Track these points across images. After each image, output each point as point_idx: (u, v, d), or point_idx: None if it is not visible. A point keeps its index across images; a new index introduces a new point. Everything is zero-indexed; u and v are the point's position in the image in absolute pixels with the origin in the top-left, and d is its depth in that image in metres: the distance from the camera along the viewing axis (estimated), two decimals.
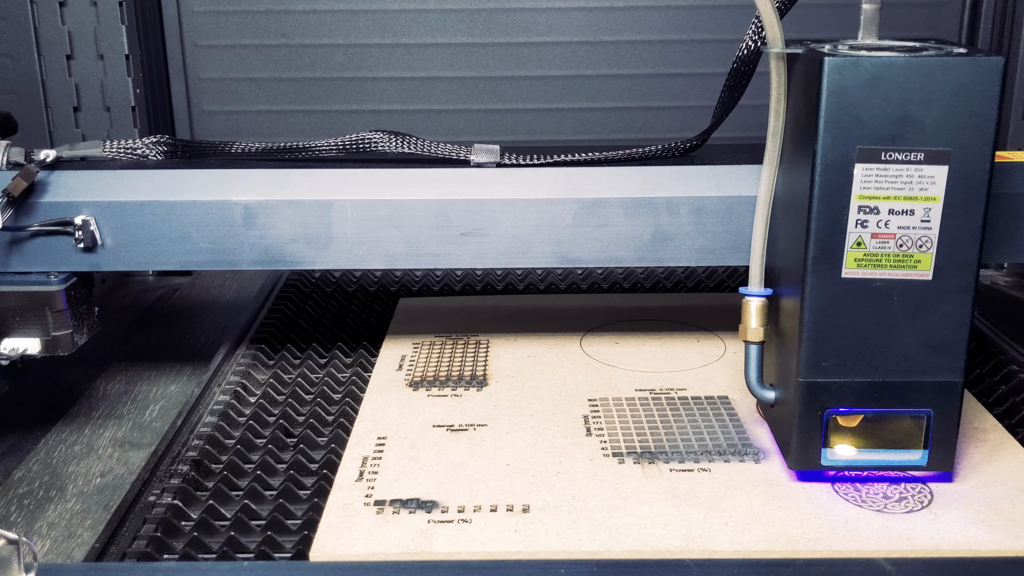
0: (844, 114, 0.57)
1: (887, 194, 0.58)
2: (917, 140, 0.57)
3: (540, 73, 1.28)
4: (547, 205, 0.74)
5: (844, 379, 0.61)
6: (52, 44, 1.17)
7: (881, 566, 0.54)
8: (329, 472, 0.68)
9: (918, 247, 0.59)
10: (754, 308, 0.66)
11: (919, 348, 0.60)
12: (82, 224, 0.73)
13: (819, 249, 0.59)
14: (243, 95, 1.28)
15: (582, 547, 0.58)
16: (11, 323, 0.74)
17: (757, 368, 0.67)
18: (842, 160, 0.58)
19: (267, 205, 0.74)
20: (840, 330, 0.61)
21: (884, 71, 0.56)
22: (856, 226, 0.59)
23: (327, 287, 1.06)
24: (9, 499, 0.73)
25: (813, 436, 0.63)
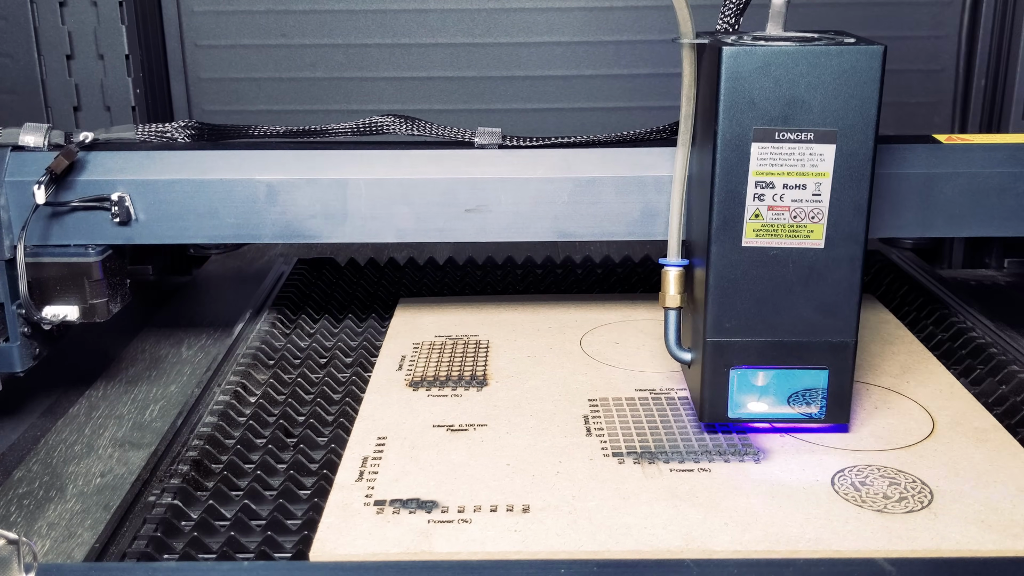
0: (740, 97, 0.63)
1: (781, 170, 0.64)
2: (806, 121, 0.63)
3: (540, 73, 1.28)
4: (545, 184, 0.81)
5: (746, 339, 0.68)
6: (52, 44, 1.17)
7: (881, 566, 0.54)
8: (329, 472, 0.68)
9: (810, 218, 0.65)
10: (672, 277, 0.73)
11: (813, 311, 0.66)
12: (118, 200, 0.80)
13: (721, 220, 0.65)
14: (243, 95, 1.28)
15: (582, 547, 0.58)
16: (52, 292, 0.81)
17: (676, 332, 0.73)
18: (740, 139, 0.64)
19: (288, 183, 0.81)
20: (741, 294, 0.67)
21: (774, 58, 0.62)
22: (754, 199, 0.65)
23: (328, 287, 1.06)
24: (9, 499, 0.73)
25: (720, 391, 0.69)
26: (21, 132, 0.82)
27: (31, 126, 0.82)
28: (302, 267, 1.11)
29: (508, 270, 1.11)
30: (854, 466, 0.67)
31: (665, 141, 0.84)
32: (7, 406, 0.87)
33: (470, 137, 0.84)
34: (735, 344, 0.68)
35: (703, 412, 0.70)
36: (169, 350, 0.99)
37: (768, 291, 0.66)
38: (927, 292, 0.99)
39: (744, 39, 0.65)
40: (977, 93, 1.23)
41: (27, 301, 0.77)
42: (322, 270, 1.11)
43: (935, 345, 0.88)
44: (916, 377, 0.80)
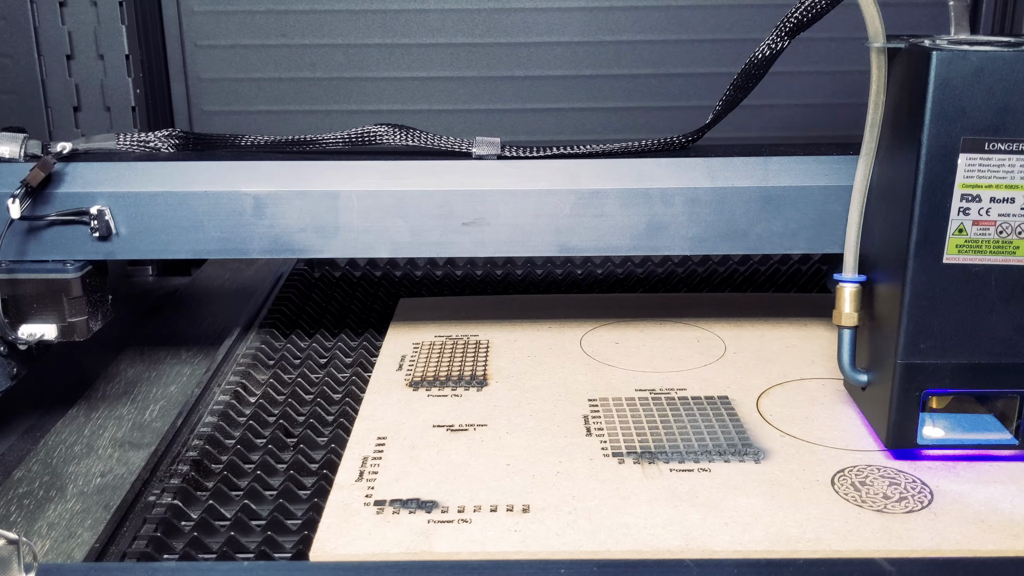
0: (949, 106, 0.60)
1: (989, 183, 0.61)
2: (1019, 130, 0.60)
3: (540, 73, 1.28)
4: (546, 196, 0.78)
5: (941, 360, 0.64)
6: (52, 44, 1.17)
7: (881, 566, 0.54)
8: (329, 472, 0.68)
9: (1017, 234, 0.62)
10: (848, 294, 0.69)
11: (1013, 331, 0.64)
12: (97, 214, 0.76)
13: (922, 236, 0.62)
14: (243, 95, 1.28)
15: (582, 547, 0.58)
16: (29, 309, 0.77)
17: (850, 352, 0.70)
18: (946, 150, 0.61)
19: (276, 196, 0.77)
20: (939, 313, 0.64)
21: (989, 64, 0.59)
22: (958, 214, 0.62)
23: (327, 287, 1.06)
24: (9, 499, 0.73)
25: (910, 416, 0.66)
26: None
27: (6, 135, 0.78)
28: (302, 267, 1.11)
29: (508, 271, 1.11)
30: (854, 466, 0.67)
31: (671, 152, 0.80)
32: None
33: (468, 147, 0.80)
34: (928, 366, 0.64)
35: (889, 438, 0.67)
36: (169, 350, 0.99)
37: (968, 311, 0.63)
38: None
39: (940, 42, 0.62)
40: None
41: (1, 320, 0.75)
42: (322, 270, 1.11)
43: None
44: None
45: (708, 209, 0.77)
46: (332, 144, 0.82)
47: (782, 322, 0.92)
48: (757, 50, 0.73)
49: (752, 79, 0.75)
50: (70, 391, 0.91)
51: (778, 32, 0.73)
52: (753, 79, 0.75)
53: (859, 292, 0.69)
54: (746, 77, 0.75)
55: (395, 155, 0.81)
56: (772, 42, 0.73)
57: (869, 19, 0.64)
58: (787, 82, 1.26)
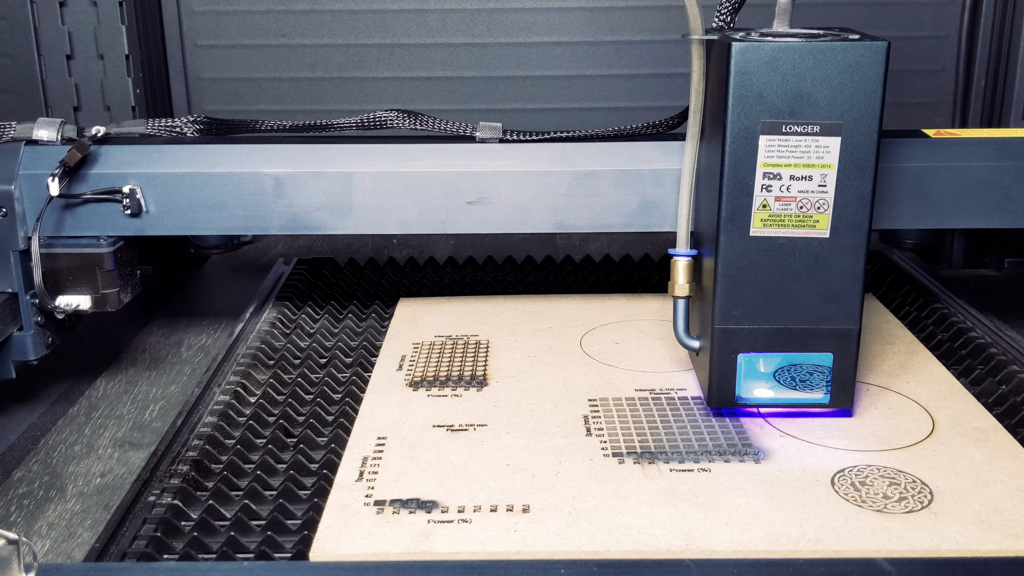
0: (748, 92, 0.65)
1: (788, 162, 0.66)
2: (812, 114, 0.65)
3: (540, 73, 1.28)
4: (544, 177, 0.83)
5: (753, 325, 0.69)
6: (52, 44, 1.17)
7: (881, 566, 0.54)
8: (329, 472, 0.68)
9: (816, 209, 0.67)
10: (681, 266, 0.74)
11: (818, 299, 0.68)
12: (129, 192, 0.82)
13: (730, 211, 0.67)
14: (243, 95, 1.28)
15: (582, 547, 0.58)
16: (65, 281, 0.83)
17: (684, 320, 0.75)
18: (748, 132, 0.66)
19: (295, 176, 0.83)
20: (748, 282, 0.69)
21: (781, 54, 0.64)
22: (761, 190, 0.67)
23: (327, 286, 1.06)
24: (9, 499, 0.73)
25: (728, 377, 0.71)
26: (35, 126, 0.84)
27: (45, 121, 0.84)
28: (302, 267, 1.11)
29: (508, 270, 1.11)
30: (854, 466, 0.67)
31: (662, 135, 0.85)
32: (20, 394, 0.89)
33: (471, 131, 0.86)
34: (742, 331, 0.69)
35: (711, 397, 0.71)
36: (169, 350, 0.99)
37: (775, 279, 0.68)
38: (927, 292, 0.99)
39: (752, 35, 0.67)
40: (977, 93, 1.23)
41: (41, 291, 0.79)
42: (322, 270, 1.10)
43: (935, 345, 0.88)
44: (916, 377, 0.80)
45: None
46: (346, 128, 0.88)
47: None
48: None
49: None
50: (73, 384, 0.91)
51: (718, 14, 0.77)
52: None
53: (690, 265, 0.74)
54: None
55: (404, 139, 0.86)
56: (717, 23, 0.78)
57: (691, 14, 0.70)
58: None
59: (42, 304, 0.80)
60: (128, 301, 0.85)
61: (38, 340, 0.83)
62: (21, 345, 0.82)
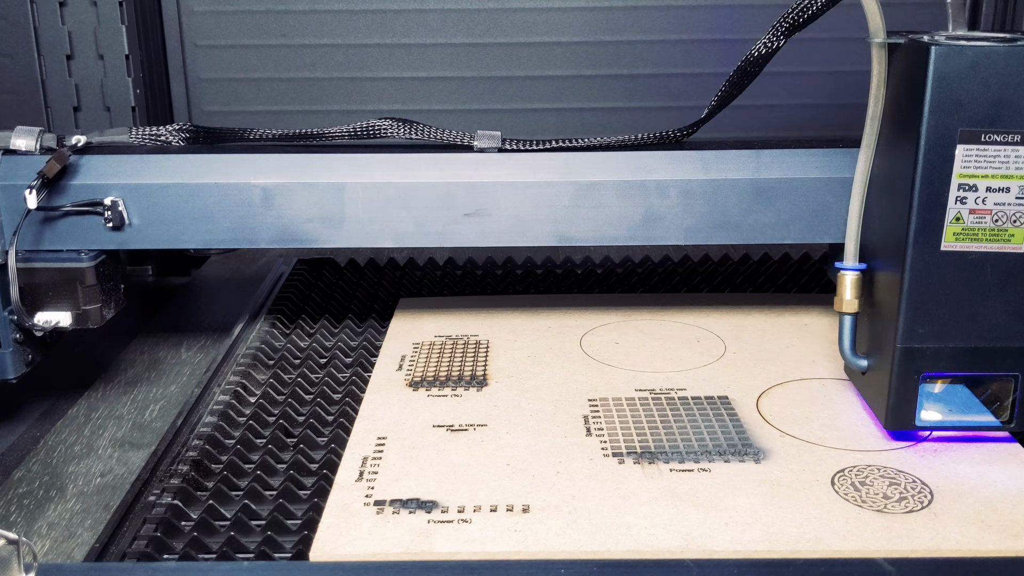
0: (947, 98, 0.62)
1: (985, 173, 0.63)
2: (1014, 123, 0.62)
3: (540, 73, 1.28)
4: (545, 188, 0.80)
5: (939, 344, 0.66)
6: (52, 44, 1.17)
7: (881, 566, 0.54)
8: (329, 472, 0.68)
9: (1012, 222, 0.64)
10: (850, 281, 0.71)
11: (1008, 316, 0.65)
12: (111, 205, 0.78)
13: (921, 224, 0.64)
14: (243, 95, 1.28)
15: (582, 547, 0.58)
16: (44, 297, 0.79)
17: (851, 337, 0.72)
18: (944, 141, 0.63)
19: (284, 187, 0.79)
20: (937, 299, 0.65)
21: (984, 58, 0.61)
22: (956, 203, 0.64)
23: (328, 286, 1.06)
24: (9, 499, 0.73)
25: (909, 398, 0.67)
26: (12, 135, 0.80)
27: (22, 129, 0.80)
28: (302, 267, 1.11)
29: (508, 270, 1.11)
30: (854, 466, 0.67)
31: (667, 145, 0.82)
32: (2, 412, 0.87)
33: (469, 140, 0.83)
34: (927, 350, 0.66)
35: (888, 419, 0.68)
36: (169, 351, 0.99)
37: (964, 296, 0.65)
38: None
39: (938, 38, 0.64)
40: None
41: (19, 307, 0.76)
42: (322, 270, 1.11)
43: None
44: None
45: (702, 200, 0.79)
46: (338, 137, 0.84)
47: (782, 322, 0.92)
48: (754, 48, 0.75)
49: (747, 76, 0.77)
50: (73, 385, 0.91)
51: (775, 31, 0.74)
52: (748, 76, 0.77)
53: (859, 280, 0.71)
54: (741, 74, 0.77)
55: (399, 148, 0.83)
56: (769, 40, 0.74)
57: (870, 15, 0.66)
58: (787, 82, 1.26)
59: (20, 321, 0.77)
60: (111, 317, 0.82)
61: (17, 358, 0.79)
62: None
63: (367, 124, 0.83)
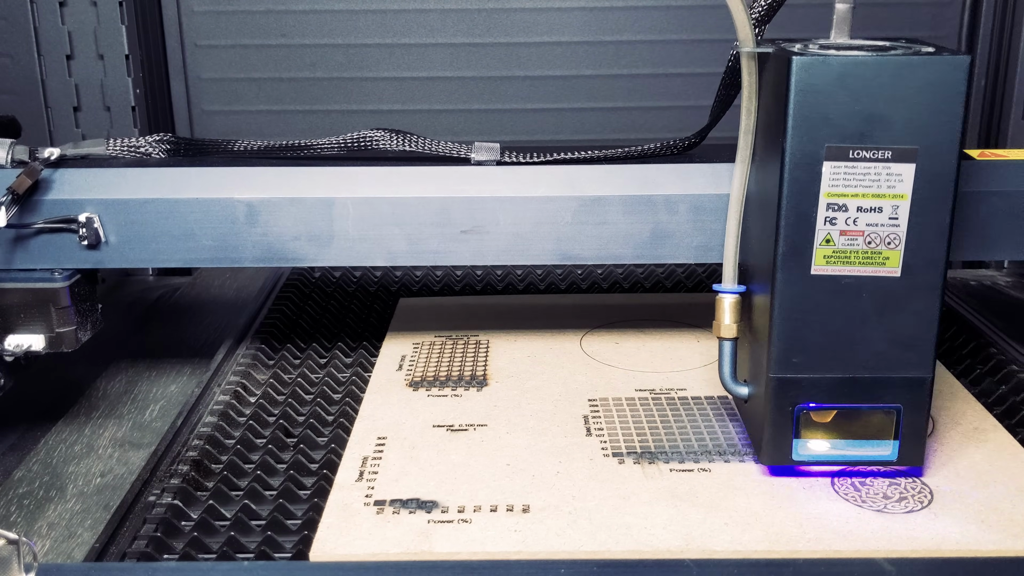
0: (812, 112, 0.58)
1: (855, 191, 0.59)
2: (885, 138, 0.58)
3: (540, 73, 1.27)
4: (547, 203, 0.75)
5: (814, 375, 0.62)
6: (52, 44, 1.16)
7: (881, 566, 0.54)
8: (329, 472, 0.68)
9: (886, 244, 0.60)
10: (727, 305, 0.67)
11: (888, 344, 0.61)
12: (86, 222, 0.74)
13: (788, 246, 0.60)
14: (243, 95, 1.28)
15: (582, 547, 0.58)
16: (16, 320, 0.75)
17: (731, 364, 0.68)
18: (810, 158, 0.58)
19: (269, 203, 0.75)
20: (810, 326, 0.61)
21: (852, 69, 0.57)
22: (825, 223, 0.59)
23: (327, 287, 1.06)
24: (9, 499, 0.73)
25: (784, 431, 0.63)
26: None
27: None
28: (303, 267, 1.11)
29: (508, 270, 1.11)
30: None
31: (676, 157, 0.78)
32: None
33: (466, 153, 0.78)
34: (802, 380, 0.62)
35: (763, 454, 0.65)
36: (169, 350, 0.99)
37: (840, 323, 0.61)
38: None
39: (811, 47, 0.60)
40: (977, 93, 1.23)
41: None
42: (322, 270, 1.11)
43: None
44: None
45: (714, 217, 0.74)
46: (327, 150, 0.79)
47: None
48: (734, 46, 0.72)
49: (738, 74, 0.74)
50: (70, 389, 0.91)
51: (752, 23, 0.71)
52: (739, 74, 0.74)
53: (738, 303, 0.67)
54: (733, 73, 0.74)
55: (391, 160, 0.79)
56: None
57: (739, 24, 0.62)
58: None
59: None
60: (86, 340, 0.77)
61: None
62: None
63: (358, 135, 0.79)
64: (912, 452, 0.63)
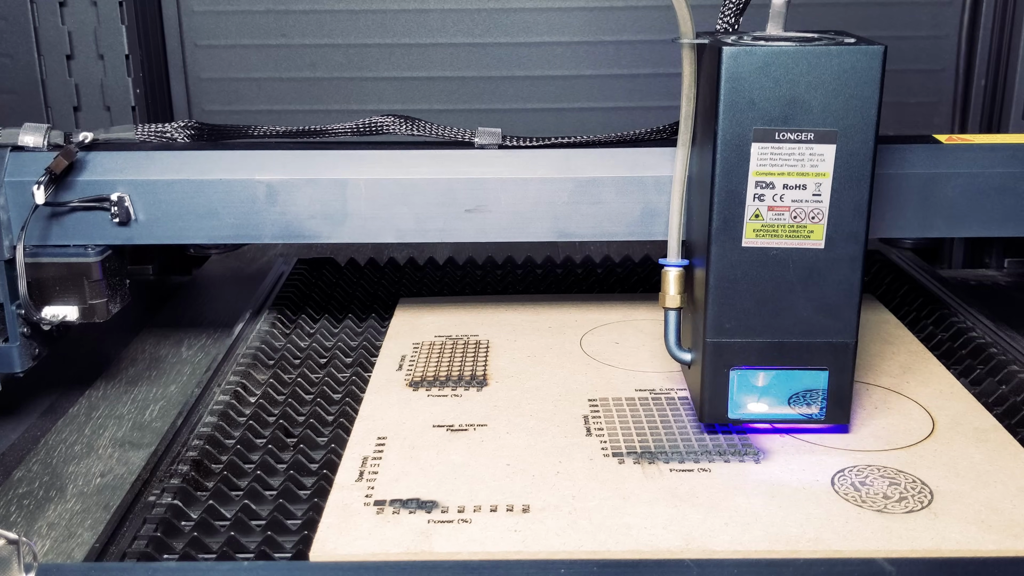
0: (740, 97, 0.63)
1: (781, 170, 0.64)
2: (806, 121, 0.63)
3: (540, 73, 1.28)
4: (545, 184, 0.81)
5: (746, 339, 0.67)
6: (52, 44, 1.17)
7: (881, 566, 0.54)
8: (329, 472, 0.68)
9: (811, 219, 0.65)
10: (672, 277, 0.72)
11: (814, 311, 0.66)
12: (117, 200, 0.79)
13: (721, 221, 0.65)
14: (243, 95, 1.28)
15: (582, 547, 0.58)
16: (51, 292, 0.81)
17: (676, 332, 0.73)
18: (740, 140, 0.64)
19: (288, 183, 0.81)
20: (741, 294, 0.66)
21: (774, 58, 0.62)
22: (754, 200, 0.65)
23: (328, 287, 1.06)
24: (9, 499, 0.73)
25: (720, 392, 0.69)
26: (20, 132, 0.81)
27: (30, 126, 0.82)
28: (302, 267, 1.11)
29: (508, 270, 1.11)
30: (854, 466, 0.67)
31: (665, 141, 0.83)
32: (7, 406, 0.87)
33: (470, 137, 0.84)
34: (735, 345, 0.67)
35: (703, 412, 0.70)
36: (169, 350, 0.99)
37: (768, 291, 0.66)
38: (927, 292, 0.99)
39: (744, 39, 0.65)
40: (977, 93, 1.23)
41: (26, 301, 0.77)
42: (322, 270, 1.11)
43: (935, 345, 0.88)
44: (916, 377, 0.80)
45: None
46: (340, 134, 0.85)
47: None
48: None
49: None
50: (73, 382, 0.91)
51: (723, 18, 0.76)
52: None
53: (682, 275, 0.72)
54: None
55: (400, 145, 0.84)
56: (720, 27, 0.76)
57: (681, 18, 0.67)
58: None
59: (28, 315, 0.78)
60: (117, 312, 0.83)
61: (24, 352, 0.80)
62: (7, 357, 0.80)
63: (369, 121, 0.85)
64: (838, 412, 0.69)
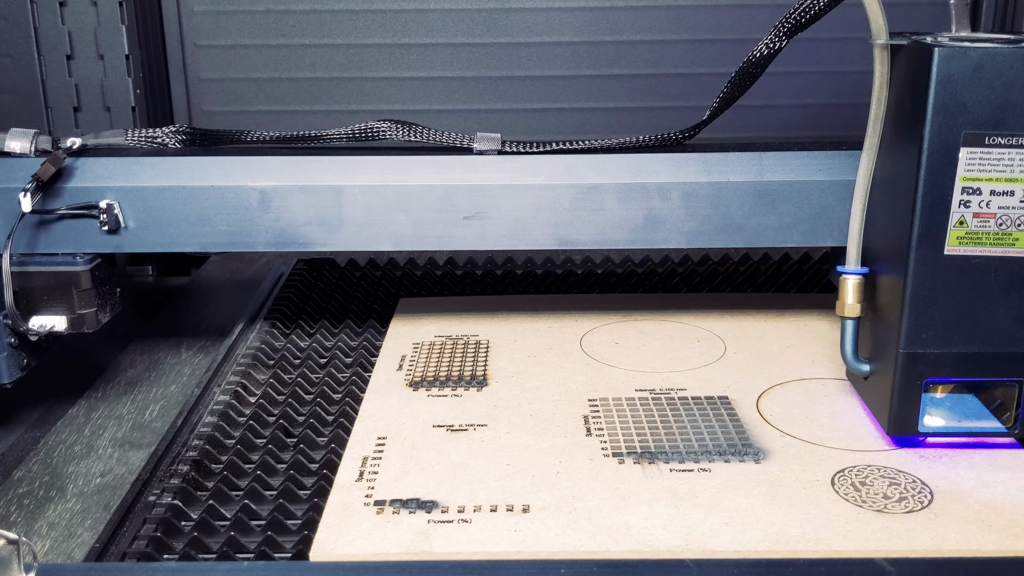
0: (951, 101, 0.62)
1: (989, 176, 0.63)
2: (1019, 125, 0.62)
3: (540, 73, 1.28)
4: (546, 190, 0.79)
5: (942, 349, 0.66)
6: (52, 44, 1.17)
7: (881, 566, 0.54)
8: (329, 472, 0.68)
9: (1016, 226, 0.63)
10: (851, 285, 0.70)
11: (1012, 321, 0.65)
12: (106, 208, 0.78)
13: (924, 228, 0.64)
14: (243, 95, 1.28)
15: (582, 547, 0.58)
16: (39, 301, 0.79)
17: (853, 342, 0.71)
18: (948, 144, 0.62)
19: (281, 190, 0.79)
20: (940, 304, 0.65)
21: (989, 60, 0.61)
22: (959, 206, 0.63)
23: (328, 287, 1.06)
24: (9, 499, 0.73)
25: (912, 404, 0.67)
26: (7, 138, 0.79)
27: (17, 131, 0.79)
28: (302, 267, 1.11)
29: (508, 270, 1.11)
30: (854, 466, 0.67)
31: (668, 147, 0.82)
32: (2, 416, 0.86)
33: (469, 143, 0.82)
34: (930, 356, 0.66)
35: (891, 426, 0.68)
36: (169, 350, 0.99)
37: (968, 301, 0.65)
38: None
39: (941, 39, 0.64)
40: None
41: (13, 311, 0.75)
42: (322, 270, 1.11)
43: None
44: None
45: (704, 203, 0.78)
46: (336, 139, 0.83)
47: (782, 322, 0.92)
48: (756, 48, 0.74)
49: (749, 77, 0.77)
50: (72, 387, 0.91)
51: (776, 32, 0.74)
52: (750, 77, 0.77)
53: (861, 284, 0.70)
54: (743, 75, 0.76)
55: (397, 150, 0.82)
56: (770, 41, 0.74)
57: (873, 17, 0.66)
58: (787, 82, 1.26)
59: (14, 325, 0.76)
60: (106, 321, 0.81)
61: (12, 362, 0.78)
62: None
63: (365, 126, 0.83)
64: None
